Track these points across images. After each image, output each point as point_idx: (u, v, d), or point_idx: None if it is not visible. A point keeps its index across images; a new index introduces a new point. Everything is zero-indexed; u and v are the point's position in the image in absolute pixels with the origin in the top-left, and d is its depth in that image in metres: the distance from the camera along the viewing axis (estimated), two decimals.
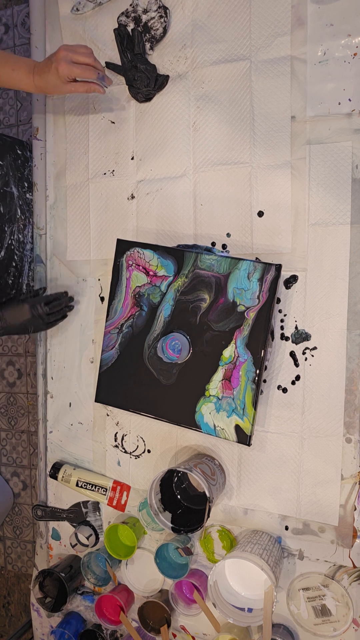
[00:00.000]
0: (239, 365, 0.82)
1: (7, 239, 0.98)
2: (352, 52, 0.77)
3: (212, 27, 0.85)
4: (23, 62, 0.85)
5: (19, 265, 1.03)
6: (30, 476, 2.15)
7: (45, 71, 0.83)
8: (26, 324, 0.93)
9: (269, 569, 0.76)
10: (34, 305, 0.92)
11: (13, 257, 1.01)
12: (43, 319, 0.93)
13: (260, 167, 0.84)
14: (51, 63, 0.81)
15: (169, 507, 0.87)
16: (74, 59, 0.81)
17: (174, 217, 0.91)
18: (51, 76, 0.82)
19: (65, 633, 1.03)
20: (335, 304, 0.80)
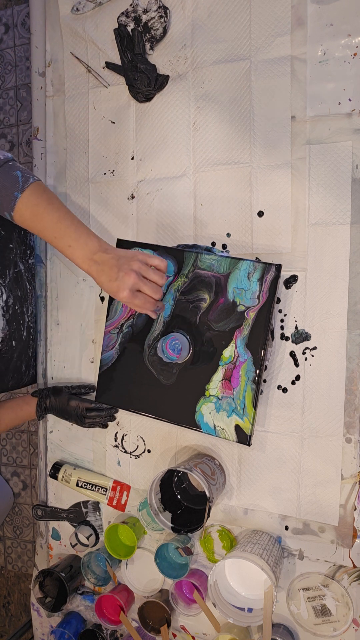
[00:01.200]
0: (239, 365, 0.82)
1: (26, 318, 1.00)
2: (352, 52, 0.77)
3: (212, 27, 0.85)
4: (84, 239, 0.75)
5: (35, 337, 1.07)
6: (30, 476, 2.15)
7: (106, 269, 0.74)
8: (67, 417, 0.98)
9: (269, 569, 0.76)
10: (77, 407, 0.96)
11: (30, 332, 1.03)
12: (82, 421, 0.96)
13: (260, 167, 0.84)
14: (119, 267, 0.74)
15: (169, 507, 0.87)
16: (147, 274, 0.76)
17: (174, 217, 0.91)
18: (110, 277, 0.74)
19: (65, 633, 1.03)
20: (335, 304, 0.80)
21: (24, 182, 0.74)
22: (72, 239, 0.75)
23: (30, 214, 0.75)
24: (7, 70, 2.03)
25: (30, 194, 0.74)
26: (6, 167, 0.74)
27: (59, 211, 0.75)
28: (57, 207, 0.76)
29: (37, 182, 0.76)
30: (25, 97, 2.01)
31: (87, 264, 0.75)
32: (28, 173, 0.76)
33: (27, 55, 1.99)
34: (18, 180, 0.74)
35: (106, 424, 0.98)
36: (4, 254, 0.91)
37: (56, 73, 1.00)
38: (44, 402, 0.98)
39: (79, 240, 0.75)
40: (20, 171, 0.75)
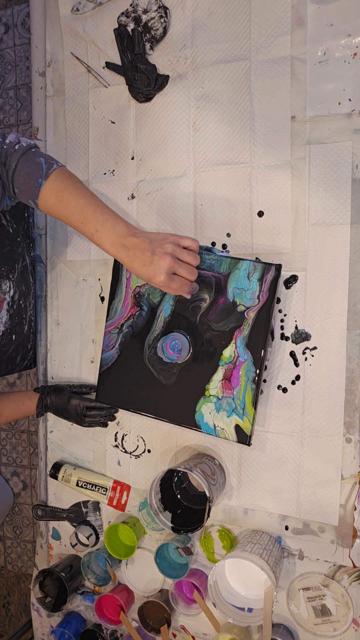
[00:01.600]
0: (239, 365, 0.82)
1: (28, 312, 1.00)
2: (352, 52, 0.77)
3: (212, 27, 0.85)
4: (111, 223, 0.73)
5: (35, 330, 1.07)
6: (30, 476, 2.15)
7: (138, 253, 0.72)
8: (66, 416, 0.98)
9: (269, 568, 0.76)
10: (78, 405, 0.96)
11: (31, 325, 1.04)
12: (82, 420, 0.97)
13: (260, 167, 0.84)
14: (152, 250, 0.71)
15: (169, 507, 0.87)
16: (181, 256, 0.73)
17: (174, 217, 0.91)
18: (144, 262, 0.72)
19: (65, 633, 1.03)
20: (335, 304, 0.81)
21: (47, 169, 0.73)
22: (99, 224, 0.73)
23: (55, 200, 0.73)
24: (7, 70, 2.03)
25: (54, 179, 0.73)
26: (29, 154, 0.74)
27: (84, 196, 0.74)
28: (82, 192, 0.74)
29: (61, 168, 0.75)
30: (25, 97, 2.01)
31: (116, 249, 0.73)
32: (51, 159, 0.75)
33: (27, 55, 1.99)
34: (42, 167, 0.73)
35: (106, 423, 0.98)
36: (13, 248, 0.91)
37: (56, 73, 1.00)
38: (45, 399, 0.98)
39: (105, 225, 0.73)
40: (44, 157, 0.74)
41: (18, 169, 0.73)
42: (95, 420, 0.97)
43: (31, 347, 1.06)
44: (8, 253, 0.89)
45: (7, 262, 0.88)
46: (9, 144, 0.74)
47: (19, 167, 0.73)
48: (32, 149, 0.75)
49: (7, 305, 0.89)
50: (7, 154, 0.73)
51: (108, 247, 0.73)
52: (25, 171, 0.73)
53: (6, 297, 0.88)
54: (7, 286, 0.88)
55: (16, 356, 1.01)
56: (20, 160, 0.73)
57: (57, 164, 0.75)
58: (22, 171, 0.73)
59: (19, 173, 0.73)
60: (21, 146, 0.74)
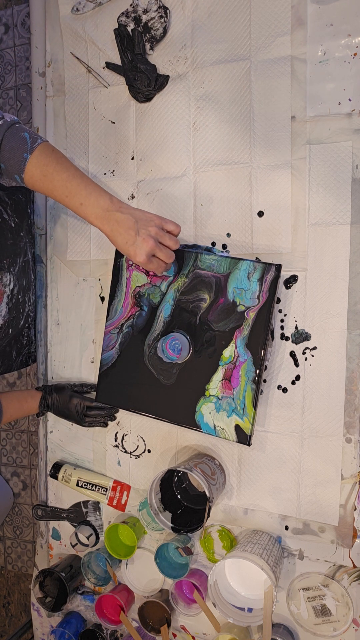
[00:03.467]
0: (239, 365, 0.82)
1: (26, 307, 1.00)
2: (352, 52, 0.77)
3: (212, 27, 0.85)
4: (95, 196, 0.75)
5: (31, 326, 1.07)
6: (30, 476, 2.15)
7: (120, 228, 0.74)
8: (67, 415, 0.98)
9: (269, 568, 0.76)
10: (79, 405, 0.96)
11: (28, 320, 1.04)
12: (82, 420, 0.97)
13: (260, 167, 0.84)
14: (137, 230, 0.74)
15: (169, 507, 0.87)
16: (162, 240, 0.77)
17: (174, 217, 0.91)
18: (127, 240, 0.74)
19: (65, 633, 1.03)
20: (335, 304, 0.81)
21: (32, 143, 0.74)
22: (83, 197, 0.74)
23: (40, 174, 0.74)
24: (7, 70, 2.03)
25: (39, 154, 0.74)
26: (14, 129, 0.74)
27: (68, 170, 0.75)
28: (66, 167, 0.75)
29: (45, 143, 0.76)
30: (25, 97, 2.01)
31: (100, 222, 0.75)
32: (35, 134, 0.76)
33: (27, 55, 1.99)
34: (26, 142, 0.74)
35: (106, 423, 0.98)
36: (16, 242, 0.92)
37: (56, 73, 1.00)
38: (47, 398, 0.98)
39: (89, 198, 0.74)
40: (28, 132, 0.75)
41: (3, 144, 0.74)
42: (95, 420, 0.97)
43: (26, 343, 1.06)
44: (11, 246, 0.89)
45: (9, 256, 0.88)
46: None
47: (4, 142, 0.74)
48: (15, 124, 0.75)
49: (7, 298, 0.89)
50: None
51: (92, 219, 0.75)
52: (10, 146, 0.73)
53: (6, 290, 0.88)
54: (8, 279, 0.88)
55: (10, 351, 1.01)
56: (5, 135, 0.74)
57: (41, 138, 0.76)
58: (7, 146, 0.74)
59: (4, 148, 0.74)
60: (5, 121, 0.74)
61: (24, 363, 1.08)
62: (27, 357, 1.08)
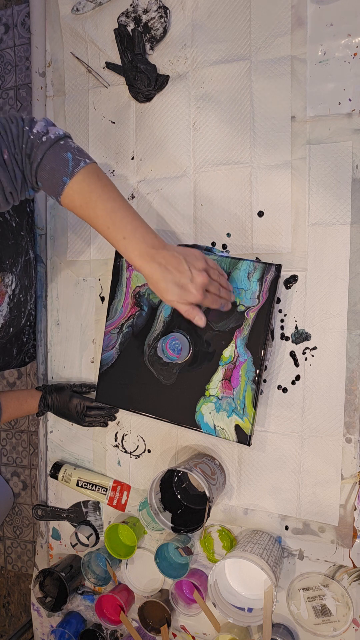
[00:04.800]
0: (239, 365, 0.82)
1: (28, 306, 1.00)
2: (352, 52, 0.77)
3: (212, 27, 0.85)
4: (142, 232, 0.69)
5: (33, 324, 1.07)
6: (30, 476, 2.15)
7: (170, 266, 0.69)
8: (67, 415, 0.98)
9: (269, 568, 0.76)
10: (79, 404, 0.96)
11: (29, 319, 1.03)
12: (82, 419, 0.97)
13: (261, 167, 0.84)
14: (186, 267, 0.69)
15: (169, 507, 0.87)
16: (212, 274, 0.73)
17: (174, 217, 0.91)
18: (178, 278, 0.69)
19: (65, 633, 1.03)
20: (335, 304, 0.80)
21: (74, 166, 0.68)
22: (128, 231, 0.68)
23: (81, 201, 0.69)
24: (7, 70, 2.03)
25: (81, 179, 0.68)
26: (57, 147, 0.68)
27: (114, 201, 0.69)
28: (112, 196, 0.69)
29: (89, 166, 0.69)
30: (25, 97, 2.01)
31: (143, 259, 0.68)
32: (80, 154, 0.70)
33: (27, 55, 1.99)
34: (68, 164, 0.68)
35: (106, 423, 0.98)
36: (17, 241, 0.91)
37: (56, 73, 1.00)
38: (47, 398, 0.99)
39: (135, 233, 0.68)
40: (72, 152, 0.69)
41: (43, 164, 0.68)
42: (95, 420, 0.97)
43: (27, 341, 1.06)
44: (12, 246, 0.89)
45: (11, 256, 0.87)
46: (36, 134, 0.68)
47: (44, 161, 0.68)
48: (60, 141, 0.69)
49: (8, 298, 0.89)
50: (33, 146, 0.68)
51: (135, 255, 0.69)
52: (50, 167, 0.68)
53: (8, 290, 0.88)
54: (10, 279, 0.88)
55: (11, 348, 1.01)
56: (46, 154, 0.68)
57: (86, 160, 0.69)
58: (47, 166, 0.68)
59: (44, 168, 0.69)
60: (49, 138, 0.68)
61: (23, 361, 1.08)
62: (25, 355, 1.08)
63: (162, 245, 0.70)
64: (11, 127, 0.68)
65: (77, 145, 0.72)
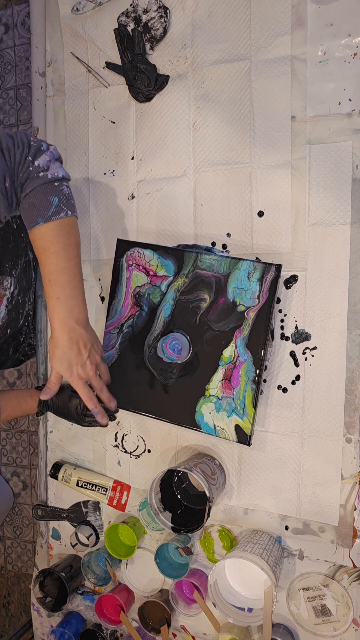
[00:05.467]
0: (239, 365, 0.82)
1: (26, 308, 1.00)
2: (352, 52, 0.77)
3: (212, 27, 0.85)
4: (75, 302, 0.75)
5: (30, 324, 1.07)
6: (30, 476, 2.15)
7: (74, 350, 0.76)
8: (66, 415, 0.98)
9: (269, 568, 0.76)
10: (78, 405, 0.96)
11: (27, 319, 1.03)
12: (82, 420, 0.96)
13: (261, 167, 0.84)
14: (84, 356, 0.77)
15: (169, 507, 0.87)
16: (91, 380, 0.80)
17: (174, 217, 0.91)
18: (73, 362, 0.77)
19: (65, 633, 1.03)
20: (335, 304, 0.80)
21: (54, 213, 0.71)
22: (64, 294, 0.73)
23: (41, 245, 0.72)
24: (7, 70, 2.03)
25: (52, 227, 0.71)
26: (48, 188, 0.71)
27: (68, 261, 0.73)
28: (69, 257, 0.73)
29: (67, 219, 0.72)
30: (25, 97, 2.01)
31: (62, 327, 0.74)
32: (66, 203, 0.72)
33: (27, 55, 1.99)
34: (50, 208, 0.71)
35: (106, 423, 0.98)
36: (17, 243, 0.91)
37: (56, 73, 1.00)
38: None
39: (68, 301, 0.73)
40: (59, 198, 0.71)
41: (28, 196, 0.71)
42: (95, 420, 0.96)
43: (24, 340, 1.06)
44: (13, 249, 0.89)
45: (11, 259, 0.88)
46: (36, 167, 0.71)
47: (30, 194, 0.71)
48: (54, 182, 0.72)
49: (7, 301, 0.89)
50: (29, 177, 0.71)
51: (57, 319, 0.73)
52: (33, 202, 0.71)
53: (6, 293, 0.88)
54: (9, 282, 0.88)
55: (7, 348, 1.01)
56: (35, 190, 0.71)
57: (67, 212, 0.72)
58: (30, 200, 0.71)
59: (27, 200, 0.72)
60: (45, 176, 0.71)
61: (17, 361, 1.08)
62: (21, 354, 1.08)
63: (83, 324, 0.75)
64: (16, 153, 0.70)
65: (69, 193, 0.74)
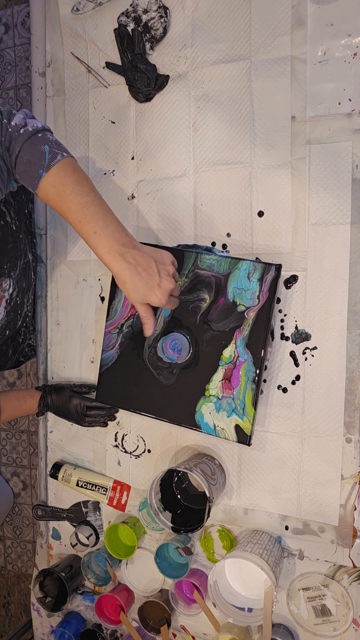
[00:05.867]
0: (239, 365, 0.82)
1: (24, 309, 1.00)
2: (352, 52, 0.77)
3: (212, 27, 0.85)
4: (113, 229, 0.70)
5: (29, 325, 1.07)
6: (30, 476, 2.15)
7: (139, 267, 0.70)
8: (66, 415, 0.98)
9: (269, 568, 0.76)
10: (78, 405, 0.96)
11: (25, 320, 1.03)
12: (82, 420, 0.97)
13: (261, 167, 0.84)
14: (155, 270, 0.71)
15: (169, 507, 0.87)
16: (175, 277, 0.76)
17: (174, 217, 0.91)
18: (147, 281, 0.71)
19: (65, 633, 1.03)
20: (335, 304, 0.80)
21: (50, 159, 0.68)
22: (99, 227, 0.68)
23: (55, 194, 0.69)
24: (7, 70, 2.03)
25: (56, 172, 0.68)
26: (34, 140, 0.69)
27: (87, 195, 0.69)
28: (86, 190, 0.69)
29: (66, 160, 0.70)
30: (25, 97, 2.01)
31: (113, 257, 0.69)
32: (57, 147, 0.70)
33: (27, 55, 1.99)
34: (44, 156, 0.68)
35: (106, 423, 0.98)
36: (16, 244, 0.91)
37: (56, 73, 1.00)
38: (47, 398, 0.99)
39: (106, 230, 0.69)
40: (49, 145, 0.69)
41: (20, 156, 0.69)
42: (95, 420, 0.97)
43: (22, 341, 1.06)
44: (11, 250, 0.89)
45: (10, 260, 0.87)
46: (14, 127, 0.69)
47: (21, 153, 0.69)
48: (38, 134, 0.69)
49: (6, 302, 0.89)
50: (12, 138, 0.69)
51: (104, 251, 0.69)
52: (27, 159, 0.68)
53: (5, 294, 0.88)
54: (8, 284, 0.88)
55: (7, 349, 1.01)
56: (23, 147, 0.69)
57: (63, 154, 0.70)
58: (23, 158, 0.69)
59: (21, 160, 0.69)
60: (26, 130, 0.69)
61: (17, 362, 1.08)
62: (20, 355, 1.08)
63: (132, 244, 0.70)
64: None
65: (56, 139, 0.72)
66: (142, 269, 0.70)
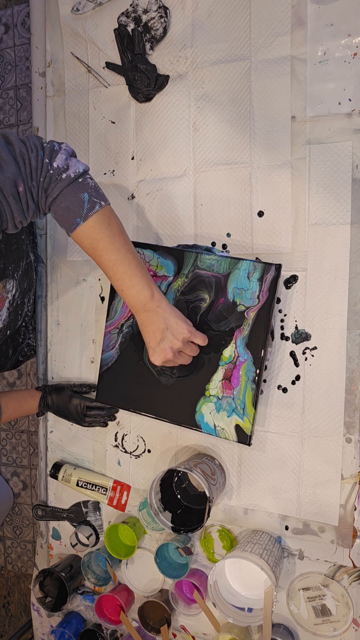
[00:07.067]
0: (239, 365, 0.82)
1: (25, 309, 1.00)
2: (352, 52, 0.77)
3: (212, 27, 0.85)
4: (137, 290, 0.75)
5: (28, 324, 1.07)
6: (30, 476, 2.15)
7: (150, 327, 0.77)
8: (66, 415, 0.98)
9: (269, 568, 0.76)
10: (79, 405, 0.97)
11: (25, 319, 1.03)
12: (82, 420, 0.97)
13: (261, 167, 0.84)
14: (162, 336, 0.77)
15: (169, 507, 0.87)
16: (184, 350, 0.79)
17: (174, 217, 0.91)
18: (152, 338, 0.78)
19: (65, 633, 1.03)
20: (335, 304, 0.80)
21: (88, 210, 0.70)
22: (126, 286, 0.75)
23: (88, 245, 0.73)
24: (7, 70, 2.03)
25: (92, 225, 0.71)
26: (75, 187, 0.70)
27: (118, 252, 0.73)
28: (117, 248, 0.73)
29: (103, 210, 0.72)
30: (25, 97, 2.02)
31: (134, 311, 0.78)
32: (96, 195, 0.71)
33: (27, 55, 1.99)
34: (83, 205, 0.70)
35: (106, 423, 0.98)
36: (19, 245, 0.91)
37: (56, 73, 1.00)
38: (47, 398, 0.99)
39: (131, 289, 0.75)
40: (88, 193, 0.70)
41: (59, 200, 0.70)
42: (95, 420, 0.97)
43: (22, 341, 1.06)
44: (15, 251, 0.89)
45: (13, 261, 0.88)
46: (56, 169, 0.69)
47: (60, 198, 0.70)
48: (79, 179, 0.70)
49: (8, 303, 0.89)
50: (52, 181, 0.69)
51: (130, 307, 0.78)
52: (66, 205, 0.70)
53: (8, 295, 0.88)
54: (11, 285, 0.88)
55: (7, 349, 1.01)
56: (62, 192, 0.69)
57: (101, 203, 0.71)
58: (62, 204, 0.70)
59: (59, 205, 0.70)
60: (68, 176, 0.69)
61: (16, 362, 1.08)
62: (20, 354, 1.08)
63: (154, 306, 0.76)
64: (30, 157, 0.67)
65: (95, 184, 0.73)
66: (152, 330, 0.77)
